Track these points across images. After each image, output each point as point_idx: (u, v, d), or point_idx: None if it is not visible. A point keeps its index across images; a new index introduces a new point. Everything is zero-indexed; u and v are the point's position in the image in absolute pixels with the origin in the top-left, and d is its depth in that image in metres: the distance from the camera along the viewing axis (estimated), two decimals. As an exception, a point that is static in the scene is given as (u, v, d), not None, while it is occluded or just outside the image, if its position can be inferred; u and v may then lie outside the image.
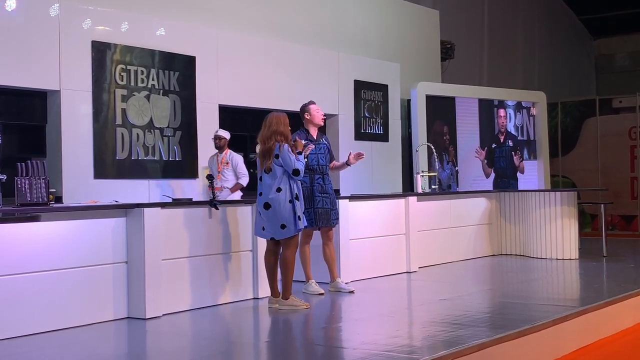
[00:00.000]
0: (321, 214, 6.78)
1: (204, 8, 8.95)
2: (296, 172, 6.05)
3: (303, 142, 6.41)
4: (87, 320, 5.57)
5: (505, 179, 12.31)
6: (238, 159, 8.27)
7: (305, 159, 6.39)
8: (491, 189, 11.78)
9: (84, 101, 7.34)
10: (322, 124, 7.01)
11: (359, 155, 6.95)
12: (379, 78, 10.92)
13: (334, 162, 7.12)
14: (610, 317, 6.23)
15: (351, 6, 11.14)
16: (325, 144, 7.03)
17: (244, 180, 8.28)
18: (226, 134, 8.27)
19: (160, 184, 7.99)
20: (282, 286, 6.22)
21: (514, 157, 12.43)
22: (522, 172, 12.60)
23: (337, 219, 7.00)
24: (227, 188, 8.13)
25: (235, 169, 8.22)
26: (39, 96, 7.29)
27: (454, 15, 13.92)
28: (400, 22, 12.08)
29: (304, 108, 6.96)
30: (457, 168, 11.66)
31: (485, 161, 12.20)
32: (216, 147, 8.23)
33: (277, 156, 6.05)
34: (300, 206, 6.13)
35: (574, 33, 18.26)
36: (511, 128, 12.53)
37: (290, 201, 6.06)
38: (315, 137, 6.94)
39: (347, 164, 7.02)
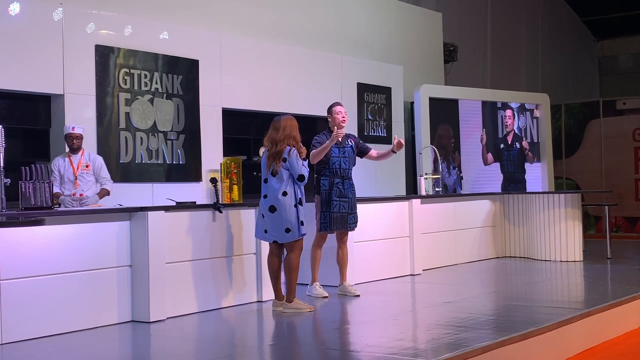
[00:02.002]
0: (336, 218, 6.79)
1: (206, 12, 8.96)
2: (301, 177, 6.06)
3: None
4: (91, 324, 5.58)
5: (513, 184, 12.28)
6: (101, 161, 7.06)
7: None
8: (496, 190, 11.75)
9: (87, 105, 7.36)
10: (343, 126, 6.93)
11: (399, 145, 6.92)
12: (382, 81, 10.92)
13: (371, 152, 7.12)
14: (615, 319, 6.22)
15: (354, 9, 11.14)
16: (350, 146, 6.99)
17: (111, 185, 7.08)
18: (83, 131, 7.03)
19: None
20: (286, 289, 6.22)
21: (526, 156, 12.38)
22: (487, 164, 12.32)
23: (355, 223, 6.99)
24: (90, 196, 6.85)
25: (98, 173, 6.98)
26: (42, 100, 7.31)
27: (457, 17, 13.92)
28: (403, 24, 12.07)
29: (329, 109, 7.00)
30: (462, 174, 11.64)
31: (485, 147, 12.10)
32: (73, 148, 6.87)
33: (284, 160, 6.06)
34: (303, 212, 6.13)
35: (577, 35, 18.24)
36: (515, 130, 12.51)
37: (295, 205, 6.07)
38: (340, 140, 6.89)
39: (393, 151, 7.02)
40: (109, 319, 5.72)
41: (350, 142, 7.04)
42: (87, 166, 6.91)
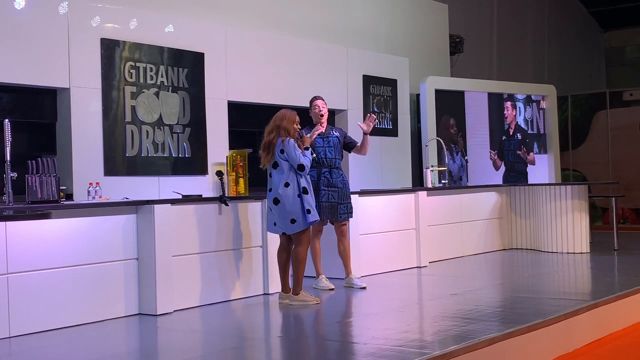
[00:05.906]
0: (325, 207, 6.79)
1: (212, 4, 8.95)
2: (301, 167, 6.06)
3: (307, 134, 6.49)
4: (98, 317, 5.60)
5: (513, 173, 12.27)
6: None
7: (312, 139, 6.47)
8: (500, 182, 11.74)
9: (93, 98, 7.36)
10: (319, 120, 6.98)
11: (369, 120, 6.91)
12: (387, 73, 10.89)
13: (357, 145, 7.09)
14: (622, 310, 6.21)
15: (359, 1, 11.11)
16: (335, 136, 7.02)
17: None
18: None
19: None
20: (292, 282, 6.23)
21: (519, 152, 12.37)
22: (533, 164, 12.51)
23: (348, 213, 6.97)
24: None
25: None
26: (48, 94, 7.31)
27: (463, 8, 13.87)
28: (408, 16, 12.04)
29: (309, 103, 7.09)
30: (466, 158, 11.61)
31: (496, 156, 12.15)
32: None
33: (282, 151, 6.07)
34: (309, 200, 6.12)
35: (584, 25, 18.16)
36: (521, 122, 12.48)
37: (299, 195, 6.08)
38: (323, 131, 6.97)
39: (365, 134, 6.98)
40: (116, 312, 5.74)
41: (335, 132, 7.07)
42: None
